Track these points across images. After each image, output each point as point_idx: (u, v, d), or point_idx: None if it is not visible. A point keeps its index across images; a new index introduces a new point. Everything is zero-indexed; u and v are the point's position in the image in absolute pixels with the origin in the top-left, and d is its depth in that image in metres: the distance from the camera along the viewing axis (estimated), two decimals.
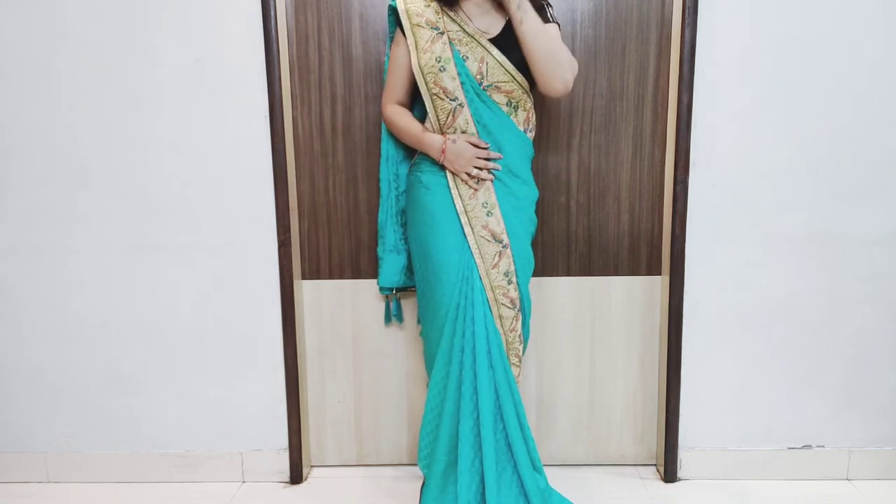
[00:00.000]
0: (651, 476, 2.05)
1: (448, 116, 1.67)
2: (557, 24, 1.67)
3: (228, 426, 2.06)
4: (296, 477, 2.04)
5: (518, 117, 1.70)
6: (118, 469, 2.07)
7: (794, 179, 1.91)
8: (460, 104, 1.65)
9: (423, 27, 1.67)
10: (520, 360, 1.77)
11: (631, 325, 2.05)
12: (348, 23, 1.93)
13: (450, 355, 1.69)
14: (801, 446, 2.02)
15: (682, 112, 1.87)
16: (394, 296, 2.01)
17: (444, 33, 1.66)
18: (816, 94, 1.87)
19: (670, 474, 2.01)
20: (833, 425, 2.01)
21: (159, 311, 2.01)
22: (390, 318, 2.03)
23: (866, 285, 1.94)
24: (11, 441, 2.08)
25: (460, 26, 1.66)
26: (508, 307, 1.71)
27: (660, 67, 1.93)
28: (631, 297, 2.04)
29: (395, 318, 2.03)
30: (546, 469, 1.89)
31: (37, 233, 1.98)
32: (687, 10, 1.81)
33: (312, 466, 2.13)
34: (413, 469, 2.10)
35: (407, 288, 1.98)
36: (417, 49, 1.67)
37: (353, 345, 2.08)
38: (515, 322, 1.73)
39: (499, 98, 1.67)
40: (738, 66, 1.87)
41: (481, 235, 1.68)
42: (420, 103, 1.79)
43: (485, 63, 1.65)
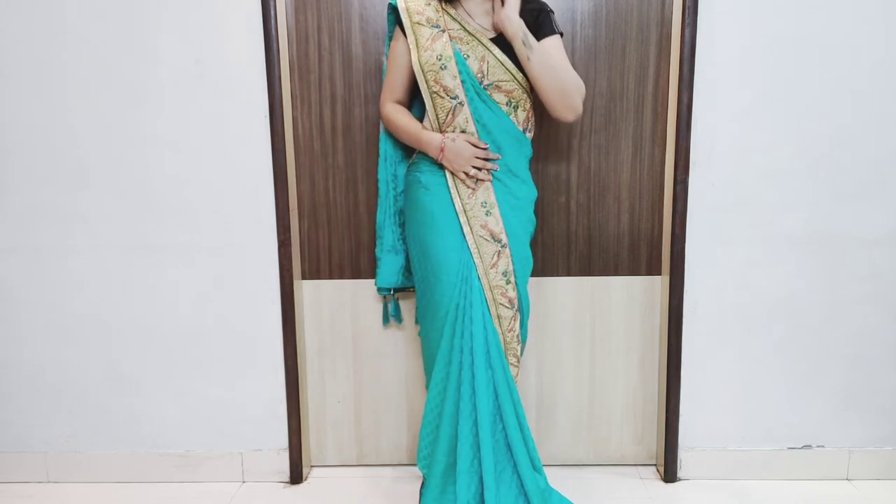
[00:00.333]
0: (651, 476, 2.05)
1: (448, 115, 1.67)
2: (560, 33, 1.67)
3: (228, 426, 2.06)
4: (296, 477, 2.04)
5: (518, 117, 1.70)
6: (118, 469, 2.07)
7: (794, 179, 1.91)
8: (460, 102, 1.65)
9: (423, 25, 1.67)
10: (518, 361, 1.76)
11: (631, 325, 2.05)
12: (348, 22, 1.93)
13: (450, 356, 1.69)
14: (801, 446, 2.02)
15: (682, 112, 1.87)
16: (392, 296, 2.01)
17: (444, 31, 1.66)
18: (816, 94, 1.87)
19: (670, 474, 2.01)
20: (833, 425, 2.00)
21: (159, 311, 2.01)
22: (388, 318, 2.03)
23: (866, 285, 1.94)
24: (11, 441, 2.08)
25: (461, 25, 1.66)
26: (507, 307, 1.71)
27: (660, 67, 1.93)
28: (631, 297, 2.04)
29: (393, 318, 2.02)
30: (546, 469, 1.89)
31: (37, 233, 1.98)
32: (687, 10, 1.81)
33: (312, 466, 2.13)
34: (413, 469, 2.10)
35: (405, 289, 1.98)
36: (418, 47, 1.66)
37: (353, 345, 2.08)
38: (513, 322, 1.73)
39: (499, 97, 1.67)
40: (738, 66, 1.87)
41: (480, 235, 1.68)
42: (418, 102, 1.79)
43: (486, 62, 1.65)
